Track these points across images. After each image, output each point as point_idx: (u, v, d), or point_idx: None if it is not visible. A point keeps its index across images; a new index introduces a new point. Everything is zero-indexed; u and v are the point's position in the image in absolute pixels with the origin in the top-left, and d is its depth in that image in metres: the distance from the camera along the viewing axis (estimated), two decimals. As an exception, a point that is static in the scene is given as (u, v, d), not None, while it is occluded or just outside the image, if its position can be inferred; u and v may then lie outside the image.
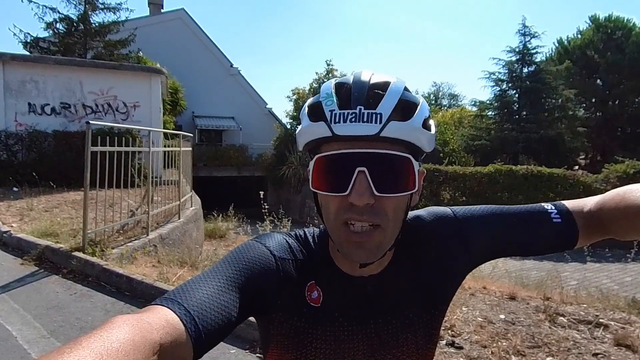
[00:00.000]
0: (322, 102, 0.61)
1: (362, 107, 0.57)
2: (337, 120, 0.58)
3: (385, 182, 0.58)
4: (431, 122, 0.64)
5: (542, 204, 0.73)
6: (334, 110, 0.59)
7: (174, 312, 0.50)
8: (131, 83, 10.25)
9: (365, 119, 0.57)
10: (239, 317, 0.58)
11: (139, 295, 3.80)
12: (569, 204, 0.73)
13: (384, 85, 0.60)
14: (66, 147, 8.61)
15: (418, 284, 0.70)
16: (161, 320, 0.48)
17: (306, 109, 0.64)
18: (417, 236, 0.71)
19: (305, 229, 0.74)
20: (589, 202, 0.72)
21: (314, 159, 0.61)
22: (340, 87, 0.61)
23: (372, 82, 0.60)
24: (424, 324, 0.69)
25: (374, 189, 0.57)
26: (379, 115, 0.57)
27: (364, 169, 0.57)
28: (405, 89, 0.62)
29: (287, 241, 0.69)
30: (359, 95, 0.59)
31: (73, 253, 4.44)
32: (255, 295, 0.61)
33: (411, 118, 0.59)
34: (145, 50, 15.51)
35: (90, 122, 4.59)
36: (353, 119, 0.57)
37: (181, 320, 0.50)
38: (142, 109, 10.26)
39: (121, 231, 5.36)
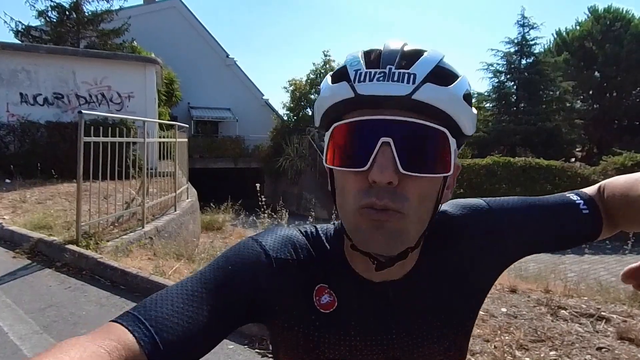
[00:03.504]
0: (346, 65, 0.53)
1: (393, 67, 0.49)
2: (361, 79, 0.50)
3: (414, 158, 0.49)
4: (472, 101, 0.56)
5: (566, 194, 0.68)
6: (360, 69, 0.50)
7: (133, 333, 0.45)
8: (125, 73, 10.07)
9: (395, 78, 0.49)
10: (224, 329, 0.52)
11: (134, 289, 3.73)
12: (589, 191, 0.68)
13: (419, 52, 0.52)
14: (59, 138, 8.45)
15: (445, 290, 0.61)
16: (113, 342, 0.43)
17: (328, 77, 0.56)
18: (444, 235, 0.62)
19: (318, 225, 0.65)
20: (601, 188, 0.67)
21: (331, 129, 0.53)
22: (369, 53, 0.53)
23: (405, 48, 0.52)
24: (451, 335, 0.61)
25: (399, 164, 0.48)
26: (412, 75, 0.49)
27: (389, 139, 0.48)
28: (444, 59, 0.54)
29: (291, 239, 0.61)
30: (389, 56, 0.51)
31: (66, 246, 4.35)
32: (244, 301, 0.54)
33: (451, 85, 0.51)
34: (139, 40, 15.24)
35: (83, 112, 4.48)
36: (381, 78, 0.49)
37: (137, 340, 0.45)
38: (136, 99, 10.10)
39: (116, 223, 5.28)
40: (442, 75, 0.51)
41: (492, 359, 2.58)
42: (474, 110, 0.56)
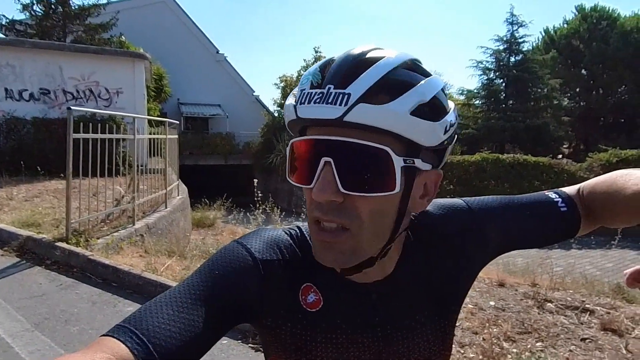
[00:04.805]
0: (300, 81, 0.54)
1: (333, 86, 0.49)
2: (302, 100, 0.51)
3: (354, 177, 0.49)
4: (442, 105, 0.53)
5: (545, 192, 0.71)
6: (305, 89, 0.52)
7: (125, 343, 0.45)
8: (113, 68, 9.92)
9: (330, 100, 0.48)
10: (215, 333, 0.53)
11: (126, 286, 3.71)
12: (568, 190, 0.71)
13: (371, 61, 0.51)
14: (46, 135, 8.33)
15: (429, 286, 0.63)
16: (107, 355, 0.43)
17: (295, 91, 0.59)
18: (425, 234, 0.64)
19: (302, 225, 0.66)
20: (581, 187, 0.70)
21: (289, 144, 0.55)
22: (327, 64, 0.53)
23: (361, 57, 0.51)
24: (437, 328, 0.63)
25: (339, 184, 0.49)
26: (346, 96, 0.48)
27: (330, 159, 0.49)
28: (405, 65, 0.52)
29: (276, 240, 0.61)
30: (334, 73, 0.50)
31: (56, 243, 4.31)
32: (233, 305, 0.55)
33: (392, 101, 0.48)
34: (127, 35, 15.07)
35: (72, 107, 4.43)
36: (318, 100, 0.49)
37: (131, 350, 0.45)
38: (125, 95, 9.97)
39: (106, 221, 5.23)
40: (387, 87, 0.49)
41: (481, 351, 2.64)
42: (445, 118, 0.53)
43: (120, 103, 9.80)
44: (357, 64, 0.51)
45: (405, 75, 0.51)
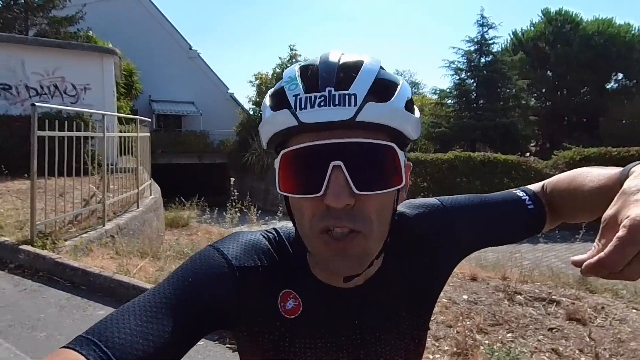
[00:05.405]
0: (284, 87, 0.52)
1: (332, 89, 0.49)
2: (302, 105, 0.49)
3: (367, 177, 0.50)
4: (415, 105, 0.57)
5: (513, 190, 0.74)
6: (299, 94, 0.50)
7: (87, 357, 0.43)
8: (81, 64, 9.53)
9: (336, 102, 0.48)
10: (186, 343, 0.51)
11: (96, 289, 3.59)
12: (534, 188, 0.74)
13: (357, 65, 0.52)
14: (8, 133, 7.91)
15: (406, 288, 0.64)
16: None
17: (267, 99, 0.55)
18: (405, 234, 0.64)
19: (280, 228, 0.65)
20: (545, 185, 0.74)
21: (280, 156, 0.52)
22: (306, 70, 0.53)
23: (342, 61, 0.52)
24: (414, 326, 0.65)
25: (353, 186, 0.49)
26: (352, 97, 0.48)
27: (340, 163, 0.48)
28: (382, 67, 0.54)
29: (254, 245, 0.60)
30: (327, 76, 0.50)
31: (20, 246, 4.11)
32: (207, 314, 0.53)
33: (391, 98, 0.51)
34: (95, 29, 14.49)
35: (36, 104, 4.23)
36: (322, 103, 0.48)
37: None
38: (93, 91, 9.60)
39: (74, 222, 5.03)
40: (382, 87, 0.51)
41: (455, 343, 2.72)
42: (417, 114, 0.56)
43: (88, 100, 9.43)
44: (346, 68, 0.51)
45: (389, 75, 0.54)
